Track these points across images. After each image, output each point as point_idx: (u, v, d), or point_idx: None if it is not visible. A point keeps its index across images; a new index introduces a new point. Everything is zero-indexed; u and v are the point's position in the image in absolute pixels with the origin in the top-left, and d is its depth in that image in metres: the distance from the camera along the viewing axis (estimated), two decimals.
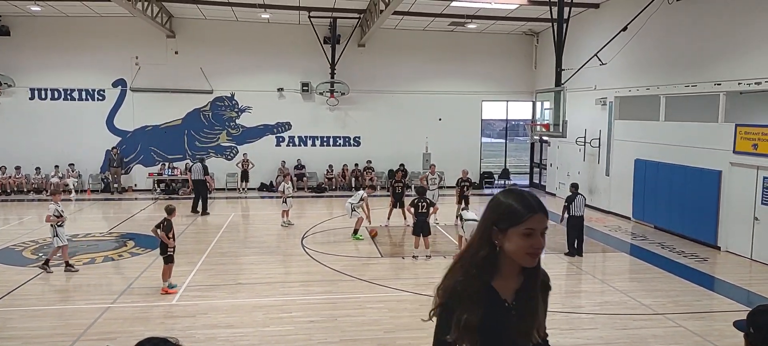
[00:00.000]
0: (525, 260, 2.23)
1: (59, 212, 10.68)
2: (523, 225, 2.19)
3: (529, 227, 2.19)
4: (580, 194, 12.47)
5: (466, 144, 23.30)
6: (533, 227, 2.19)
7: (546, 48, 20.84)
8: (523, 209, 2.21)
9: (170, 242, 9.59)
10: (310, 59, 21.76)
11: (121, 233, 14.54)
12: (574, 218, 12.26)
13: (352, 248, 13.13)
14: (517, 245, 2.21)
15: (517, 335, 2.27)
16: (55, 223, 10.57)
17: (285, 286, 10.28)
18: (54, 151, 20.80)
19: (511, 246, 2.21)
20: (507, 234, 2.21)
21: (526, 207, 2.21)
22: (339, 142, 23.03)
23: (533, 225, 2.19)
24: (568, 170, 20.08)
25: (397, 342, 7.66)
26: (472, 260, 2.28)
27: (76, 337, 7.65)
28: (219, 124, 22.19)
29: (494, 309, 2.26)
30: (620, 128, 17.27)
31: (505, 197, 2.29)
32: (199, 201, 17.36)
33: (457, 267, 2.35)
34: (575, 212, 12.21)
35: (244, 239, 14.31)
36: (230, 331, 7.97)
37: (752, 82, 12.37)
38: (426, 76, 22.80)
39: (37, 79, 20.94)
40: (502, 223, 2.22)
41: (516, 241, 2.20)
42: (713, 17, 13.64)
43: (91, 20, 20.56)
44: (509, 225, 2.20)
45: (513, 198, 2.26)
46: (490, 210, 2.30)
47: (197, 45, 21.40)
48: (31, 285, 10.05)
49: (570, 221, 12.34)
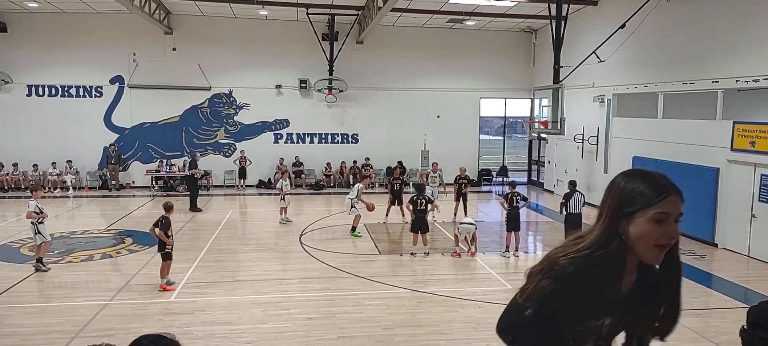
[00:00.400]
0: (650, 253, 1.89)
1: (39, 209, 10.62)
2: (654, 208, 1.85)
3: (661, 211, 1.85)
4: (578, 191, 12.47)
5: (464, 141, 23.30)
6: (667, 212, 1.86)
7: (544, 45, 20.85)
8: (655, 189, 1.88)
9: (169, 240, 9.58)
10: (308, 56, 21.73)
11: (119, 230, 14.53)
12: (571, 216, 12.26)
13: (350, 245, 13.13)
14: (644, 233, 1.86)
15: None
16: (36, 220, 10.52)
17: (283, 283, 10.28)
18: (52, 148, 20.77)
19: (636, 235, 1.88)
20: (633, 220, 1.88)
21: (659, 187, 1.89)
22: (337, 140, 23.02)
23: (667, 208, 1.86)
24: (566, 167, 20.10)
25: (394, 339, 7.67)
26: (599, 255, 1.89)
27: (74, 334, 7.65)
28: (217, 121, 22.16)
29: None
30: (618, 125, 17.28)
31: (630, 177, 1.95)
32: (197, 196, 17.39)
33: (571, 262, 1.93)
34: (573, 209, 12.21)
35: (242, 236, 14.31)
36: (228, 328, 7.97)
37: (750, 80, 12.38)
38: (424, 73, 22.79)
39: (35, 75, 20.88)
40: (629, 206, 1.88)
41: (644, 227, 1.86)
42: (711, 15, 13.65)
43: (89, 17, 20.51)
44: (637, 209, 1.87)
45: (641, 178, 1.93)
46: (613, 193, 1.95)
47: (195, 42, 21.36)
48: (29, 282, 10.04)
49: (568, 218, 12.35)
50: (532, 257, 12.97)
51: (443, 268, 11.27)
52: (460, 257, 11.87)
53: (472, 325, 8.20)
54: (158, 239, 9.62)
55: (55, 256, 11.72)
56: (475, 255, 11.99)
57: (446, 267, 11.33)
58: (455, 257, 11.88)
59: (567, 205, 12.26)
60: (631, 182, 1.92)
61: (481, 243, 12.80)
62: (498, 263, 11.69)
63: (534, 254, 13.25)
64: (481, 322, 8.31)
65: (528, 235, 15.02)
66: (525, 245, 13.43)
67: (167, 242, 9.56)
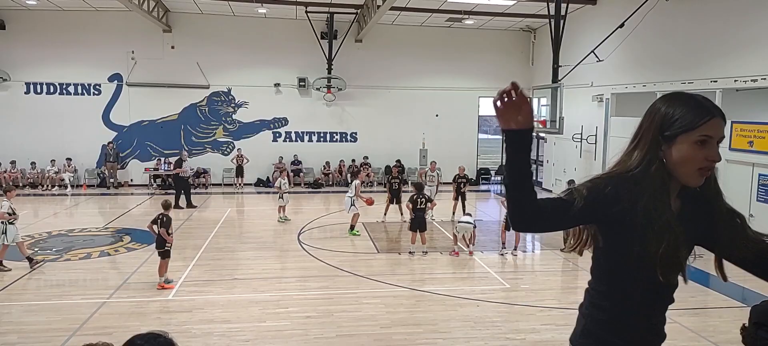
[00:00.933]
0: (693, 176, 1.86)
1: (12, 211, 10.60)
2: (698, 130, 1.81)
3: (705, 134, 1.81)
4: None
5: (462, 140, 23.30)
6: (710, 134, 1.82)
7: (543, 44, 20.86)
8: (699, 111, 1.83)
9: (170, 237, 9.57)
10: (307, 54, 21.71)
11: (118, 228, 14.52)
12: None
13: (348, 243, 13.14)
14: (687, 156, 1.83)
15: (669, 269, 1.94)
16: (7, 220, 10.48)
17: (281, 281, 10.28)
18: (50, 146, 20.72)
19: (679, 158, 1.84)
20: (675, 143, 1.83)
21: (703, 110, 1.83)
22: (336, 138, 23.01)
23: (710, 131, 1.82)
24: (565, 167, 20.11)
25: (393, 337, 7.68)
26: (641, 177, 1.87)
27: (73, 332, 7.64)
28: (215, 120, 22.14)
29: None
30: (617, 125, 17.29)
31: (672, 101, 1.89)
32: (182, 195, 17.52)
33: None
34: None
35: (240, 235, 14.30)
36: (226, 326, 7.97)
37: (748, 80, 12.40)
38: (423, 72, 22.78)
39: (33, 73, 20.84)
40: (671, 129, 1.84)
41: (686, 151, 1.82)
42: (710, 14, 13.66)
43: (87, 14, 20.47)
44: (679, 131, 1.82)
45: (683, 100, 1.86)
46: (653, 116, 1.91)
47: (194, 40, 21.32)
48: (27, 280, 10.04)
49: None
50: (531, 255, 12.99)
51: (442, 267, 11.28)
52: (458, 256, 11.88)
53: (471, 323, 8.21)
54: (158, 236, 9.60)
55: (53, 254, 11.71)
56: (473, 254, 12.00)
57: (445, 266, 11.34)
58: (454, 256, 11.89)
59: None
60: (672, 106, 1.87)
61: (480, 242, 12.81)
62: (496, 262, 11.71)
63: (532, 253, 13.26)
64: (479, 320, 8.32)
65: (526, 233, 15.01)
66: (523, 243, 13.44)
67: (168, 240, 9.55)
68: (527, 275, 11.25)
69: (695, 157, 1.83)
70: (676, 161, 1.85)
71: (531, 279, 10.89)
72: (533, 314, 8.64)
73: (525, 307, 8.93)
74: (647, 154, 1.89)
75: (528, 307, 8.92)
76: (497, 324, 8.21)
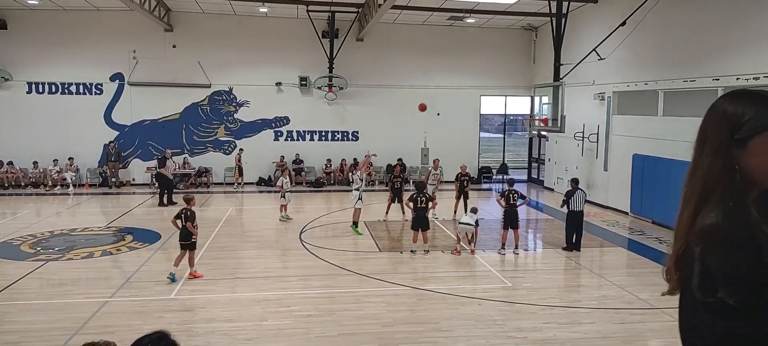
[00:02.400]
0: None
1: None
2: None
3: None
4: (581, 189, 12.47)
5: (464, 139, 23.29)
6: None
7: (545, 43, 20.83)
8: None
9: (195, 230, 9.93)
10: (309, 53, 21.71)
11: (120, 227, 14.54)
12: (573, 213, 12.29)
13: (350, 242, 13.14)
14: (761, 160, 1.63)
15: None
16: None
17: (283, 280, 10.29)
18: (52, 146, 20.74)
19: (753, 163, 1.65)
20: (749, 147, 1.64)
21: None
22: (337, 137, 23.02)
23: None
24: (566, 165, 20.10)
25: (395, 336, 7.68)
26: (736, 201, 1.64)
27: (75, 331, 7.66)
28: (217, 119, 22.15)
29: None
30: (618, 123, 17.28)
31: (735, 100, 1.70)
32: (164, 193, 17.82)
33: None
34: (575, 207, 12.23)
35: (242, 234, 14.31)
36: (229, 325, 7.98)
37: (750, 78, 12.37)
38: (424, 70, 22.77)
39: (35, 73, 20.87)
40: (743, 130, 1.65)
41: (761, 155, 1.63)
42: (711, 12, 13.63)
43: (89, 14, 20.49)
44: (754, 133, 1.64)
45: (749, 98, 1.69)
46: (717, 120, 1.71)
47: (195, 39, 21.34)
48: (30, 279, 10.05)
49: (569, 215, 12.37)
50: (532, 254, 12.98)
51: (443, 265, 11.28)
52: (460, 255, 11.88)
53: (472, 322, 8.21)
54: (182, 230, 9.86)
55: (56, 253, 11.73)
56: (475, 253, 12.00)
57: (446, 264, 11.34)
58: (455, 255, 11.89)
59: (569, 203, 12.28)
60: (738, 105, 1.68)
61: (482, 241, 12.81)
62: (497, 261, 11.70)
63: (533, 251, 13.26)
64: (481, 319, 8.32)
65: (528, 232, 15.02)
66: (524, 242, 13.44)
67: (194, 233, 9.89)
68: (529, 274, 11.24)
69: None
70: (755, 165, 1.65)
71: (533, 278, 10.88)
72: (535, 312, 8.64)
73: (527, 305, 8.93)
74: (723, 165, 1.68)
75: (530, 305, 8.92)
76: (499, 323, 8.21)
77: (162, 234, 13.47)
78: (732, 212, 1.63)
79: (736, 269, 1.61)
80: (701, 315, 1.71)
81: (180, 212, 9.93)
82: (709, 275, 1.64)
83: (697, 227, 1.66)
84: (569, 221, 12.44)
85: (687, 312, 1.80)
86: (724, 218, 1.63)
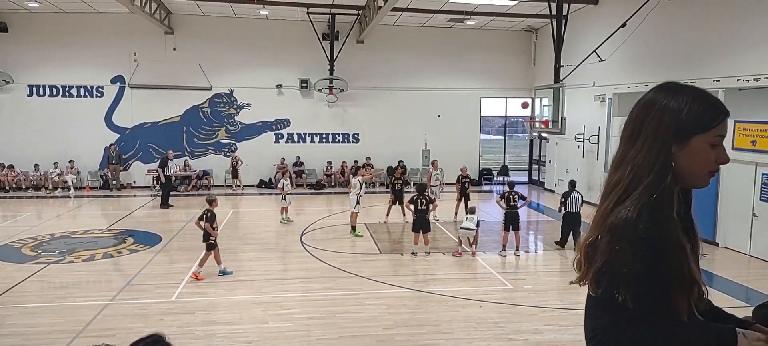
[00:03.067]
0: (702, 179, 1.66)
1: None
2: (714, 131, 1.63)
3: (719, 134, 1.65)
4: (577, 191, 12.58)
5: (465, 141, 23.29)
6: (723, 134, 1.66)
7: (545, 44, 20.83)
8: (715, 109, 1.64)
9: (214, 231, 10.11)
10: (309, 56, 21.72)
11: (120, 229, 14.54)
12: (570, 215, 12.45)
13: (351, 244, 13.14)
14: (702, 158, 1.63)
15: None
16: None
17: (284, 282, 10.29)
18: (52, 149, 20.75)
19: (690, 162, 1.62)
20: (688, 146, 1.62)
21: (718, 107, 1.65)
22: (338, 139, 23.02)
23: (724, 130, 1.66)
24: (567, 167, 20.09)
25: (395, 338, 7.67)
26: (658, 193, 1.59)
27: (76, 333, 7.66)
28: (218, 121, 22.17)
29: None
30: (619, 125, 17.19)
31: (676, 95, 1.65)
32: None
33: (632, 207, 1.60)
34: (571, 208, 12.38)
35: (243, 236, 14.30)
36: (229, 327, 7.98)
37: (751, 79, 12.37)
38: (425, 72, 22.78)
39: (36, 75, 20.89)
40: (687, 131, 1.62)
41: (702, 153, 1.62)
42: (712, 13, 13.63)
43: (90, 16, 20.52)
44: (695, 132, 1.62)
45: (692, 95, 1.65)
46: (661, 113, 1.65)
47: (196, 41, 21.36)
48: (30, 282, 10.05)
49: (566, 216, 12.57)
50: (533, 256, 12.97)
51: (444, 267, 11.27)
52: (461, 257, 11.87)
53: (473, 324, 8.20)
54: (204, 231, 10.06)
55: (57, 256, 11.73)
56: (476, 255, 11.99)
57: (447, 267, 11.33)
58: (456, 257, 11.88)
59: (566, 203, 12.37)
60: (680, 101, 1.64)
61: (482, 243, 12.80)
62: (498, 263, 11.69)
63: (534, 253, 13.25)
64: (482, 321, 8.31)
65: (528, 234, 15.01)
66: (525, 244, 13.43)
67: (212, 234, 10.06)
68: (530, 276, 11.24)
69: (708, 159, 1.64)
70: (688, 164, 1.63)
71: (533, 280, 10.87)
72: (536, 314, 8.63)
73: (527, 307, 8.92)
74: (660, 162, 1.62)
75: (530, 307, 8.91)
76: (500, 325, 8.20)
77: (163, 237, 13.48)
78: (651, 208, 1.57)
79: (638, 268, 1.55)
80: (601, 315, 1.66)
81: (202, 213, 10.16)
82: (609, 270, 1.59)
83: (611, 219, 1.61)
84: (566, 221, 12.67)
85: (589, 310, 1.74)
86: (642, 214, 1.57)
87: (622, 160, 1.70)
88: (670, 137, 1.62)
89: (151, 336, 2.07)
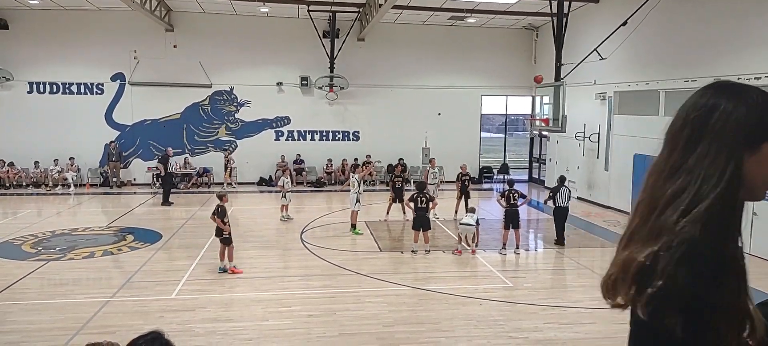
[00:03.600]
0: (763, 193, 1.46)
1: None
2: None
3: None
4: (566, 186, 12.97)
5: (465, 139, 23.28)
6: None
7: (546, 42, 20.81)
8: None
9: (225, 226, 10.21)
10: (309, 53, 21.70)
11: (121, 227, 14.54)
12: (559, 209, 12.75)
13: (351, 242, 13.14)
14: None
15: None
16: None
17: (284, 280, 10.30)
18: (53, 146, 20.73)
19: (760, 170, 1.41)
20: (759, 153, 1.40)
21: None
22: (338, 137, 23.01)
23: None
24: (567, 165, 20.08)
25: (395, 336, 7.68)
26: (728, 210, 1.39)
27: (76, 331, 7.66)
28: (218, 119, 22.15)
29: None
30: (619, 123, 17.26)
31: (743, 96, 1.44)
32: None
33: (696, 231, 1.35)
34: (560, 202, 12.68)
35: (243, 233, 14.27)
36: (229, 325, 7.98)
37: (752, 78, 12.35)
38: (425, 70, 22.77)
39: (36, 73, 20.87)
40: (758, 136, 1.39)
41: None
42: (713, 12, 13.62)
43: (90, 13, 20.49)
44: (766, 138, 1.40)
45: (761, 96, 1.43)
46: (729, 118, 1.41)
47: (196, 39, 21.34)
48: (31, 279, 10.06)
49: (556, 211, 12.85)
50: (533, 254, 12.97)
51: (444, 265, 11.27)
52: (461, 255, 11.87)
53: (473, 322, 8.20)
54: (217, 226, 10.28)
55: (57, 253, 11.74)
56: (476, 253, 11.99)
57: (447, 264, 11.33)
58: (456, 255, 11.88)
59: (554, 198, 12.76)
60: (749, 102, 1.42)
61: (483, 241, 12.80)
62: (498, 261, 11.69)
63: (534, 251, 13.24)
64: (482, 319, 8.32)
65: (529, 232, 15.01)
66: (525, 242, 13.43)
67: (224, 229, 10.17)
68: (530, 274, 11.24)
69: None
70: (759, 174, 1.41)
71: (534, 278, 10.88)
72: (536, 312, 8.63)
73: (527, 305, 8.92)
74: (732, 171, 1.39)
75: (531, 305, 8.91)
76: (500, 323, 8.20)
77: (163, 234, 13.48)
78: (718, 224, 1.37)
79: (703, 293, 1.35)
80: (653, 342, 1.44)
81: (215, 209, 10.39)
82: (671, 292, 1.34)
83: (676, 238, 1.35)
84: (556, 216, 12.94)
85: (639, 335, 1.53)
86: (711, 230, 1.36)
87: (678, 167, 1.47)
88: (740, 144, 1.39)
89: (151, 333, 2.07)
